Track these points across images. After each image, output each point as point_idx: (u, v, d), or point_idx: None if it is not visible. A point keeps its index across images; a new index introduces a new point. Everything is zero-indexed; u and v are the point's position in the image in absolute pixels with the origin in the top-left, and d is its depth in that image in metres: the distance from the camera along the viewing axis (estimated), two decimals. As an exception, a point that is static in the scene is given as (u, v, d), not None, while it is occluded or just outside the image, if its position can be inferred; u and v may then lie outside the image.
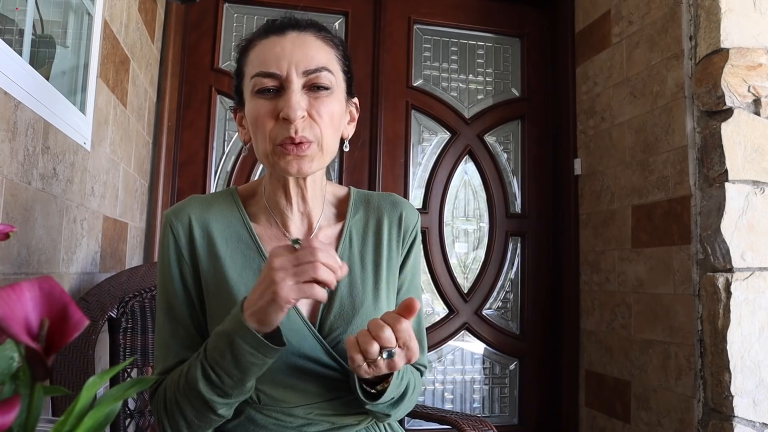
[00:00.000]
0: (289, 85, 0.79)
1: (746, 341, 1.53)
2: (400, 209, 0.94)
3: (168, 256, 0.86)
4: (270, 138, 0.79)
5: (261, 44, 0.84)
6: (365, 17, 2.34)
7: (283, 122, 0.78)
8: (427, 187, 2.33)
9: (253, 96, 0.81)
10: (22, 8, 1.05)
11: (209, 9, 2.22)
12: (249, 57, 0.85)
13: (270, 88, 0.80)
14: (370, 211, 0.93)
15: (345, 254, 0.89)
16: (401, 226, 0.93)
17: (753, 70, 1.60)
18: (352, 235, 0.91)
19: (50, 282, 0.35)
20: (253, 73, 0.81)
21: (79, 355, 1.10)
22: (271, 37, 0.83)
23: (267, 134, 0.79)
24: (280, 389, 0.81)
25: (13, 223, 0.90)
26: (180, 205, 0.88)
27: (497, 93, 2.45)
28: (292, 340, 0.80)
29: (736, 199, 1.56)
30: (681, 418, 1.68)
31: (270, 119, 0.79)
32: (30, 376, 0.34)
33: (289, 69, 0.79)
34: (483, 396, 2.32)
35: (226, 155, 2.19)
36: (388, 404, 0.80)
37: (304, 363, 0.81)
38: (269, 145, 0.79)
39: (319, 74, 0.81)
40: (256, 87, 0.80)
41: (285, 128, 0.78)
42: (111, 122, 1.47)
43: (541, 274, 2.38)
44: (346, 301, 0.85)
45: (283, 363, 0.80)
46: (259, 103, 0.80)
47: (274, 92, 0.80)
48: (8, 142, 0.89)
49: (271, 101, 0.80)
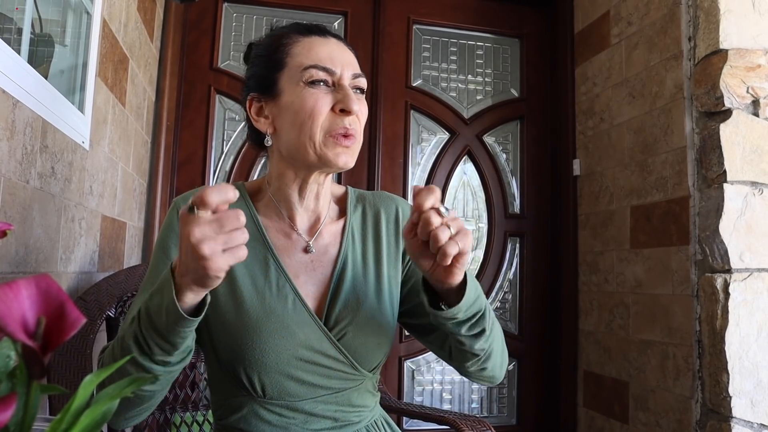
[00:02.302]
0: (344, 83, 0.84)
1: (744, 342, 1.53)
2: (395, 204, 0.97)
3: (171, 237, 0.85)
4: (323, 127, 0.82)
5: (306, 41, 0.87)
6: (364, 17, 2.34)
7: (339, 114, 0.82)
8: (426, 187, 2.33)
9: (306, 86, 0.83)
10: (21, 7, 1.04)
11: (208, 8, 2.21)
12: (293, 50, 0.86)
13: (324, 81, 0.83)
14: (368, 208, 0.96)
15: (348, 249, 0.91)
16: (398, 220, 0.96)
17: (752, 71, 1.60)
18: (354, 231, 0.93)
19: (47, 280, 0.34)
20: (307, 65, 0.84)
21: (77, 355, 1.10)
22: (315, 38, 0.87)
23: (320, 123, 0.82)
24: (286, 381, 0.82)
25: (11, 222, 0.90)
26: (190, 193, 0.88)
27: (496, 93, 2.45)
28: (299, 332, 0.82)
29: (735, 200, 1.57)
30: (679, 418, 1.68)
31: (325, 109, 0.82)
32: (26, 375, 0.34)
33: (343, 69, 0.85)
34: (481, 396, 2.32)
35: (224, 155, 2.19)
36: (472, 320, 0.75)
37: (310, 355, 0.82)
38: (320, 133, 0.82)
39: (362, 79, 0.87)
40: (311, 78, 0.83)
41: (340, 120, 0.82)
42: (110, 121, 1.47)
43: (539, 274, 2.38)
44: (350, 295, 0.87)
45: (290, 355, 0.81)
46: (314, 93, 0.83)
47: (325, 87, 0.84)
48: (6, 140, 0.88)
49: (326, 94, 0.83)
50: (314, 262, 0.89)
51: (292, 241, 0.89)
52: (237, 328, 0.81)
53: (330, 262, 0.89)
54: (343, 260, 0.89)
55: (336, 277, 0.88)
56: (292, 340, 0.81)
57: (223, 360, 0.83)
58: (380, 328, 0.87)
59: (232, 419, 0.85)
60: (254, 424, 0.83)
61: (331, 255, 0.90)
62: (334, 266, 0.89)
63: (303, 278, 0.87)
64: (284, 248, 0.88)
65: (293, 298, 0.84)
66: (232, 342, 0.81)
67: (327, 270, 0.89)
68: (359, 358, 0.85)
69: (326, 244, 0.90)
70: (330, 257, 0.90)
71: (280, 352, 0.80)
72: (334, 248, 0.90)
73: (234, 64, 2.21)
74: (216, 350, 0.84)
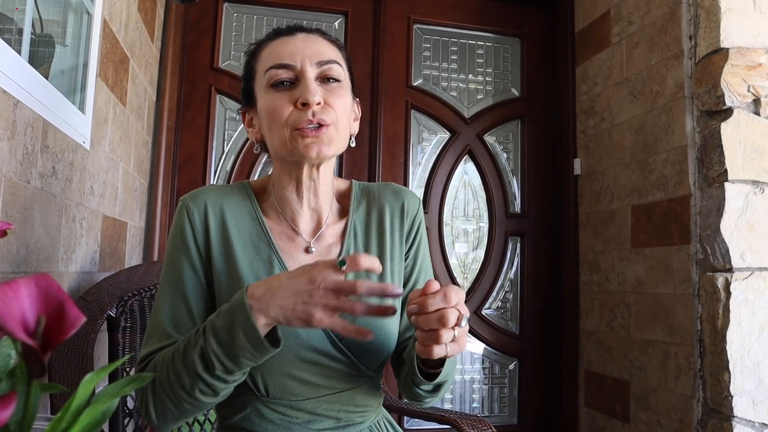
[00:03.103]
0: (304, 75, 0.83)
1: (746, 341, 1.53)
2: (402, 198, 0.96)
3: (182, 238, 0.86)
4: (288, 123, 0.82)
5: (272, 44, 0.87)
6: (365, 17, 2.34)
7: (301, 108, 0.81)
8: (426, 186, 2.33)
9: (268, 89, 0.84)
10: (22, 7, 1.05)
11: (209, 8, 2.22)
12: (260, 56, 0.88)
13: (285, 80, 0.83)
14: (372, 203, 0.95)
15: (350, 250, 0.90)
16: (404, 216, 0.95)
17: (753, 70, 1.59)
18: (356, 230, 0.93)
19: (47, 279, 0.34)
20: (267, 67, 0.84)
21: (79, 354, 1.10)
22: (281, 38, 0.87)
23: (284, 121, 0.82)
24: (288, 381, 0.82)
25: (11, 222, 0.90)
26: (197, 192, 0.89)
27: (497, 93, 2.45)
28: (302, 332, 0.82)
29: (736, 199, 1.56)
30: (680, 418, 1.68)
31: (287, 107, 0.82)
32: (27, 373, 0.34)
33: (303, 60, 0.84)
34: (482, 396, 2.32)
35: (225, 154, 2.19)
36: (442, 385, 0.85)
37: (312, 355, 0.82)
38: (287, 130, 0.82)
39: (330, 66, 0.85)
40: (271, 80, 0.84)
41: (303, 113, 0.81)
42: (110, 121, 1.47)
43: (540, 274, 2.38)
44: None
45: (292, 355, 0.81)
46: (275, 95, 0.83)
47: (289, 84, 0.83)
48: (7, 140, 0.89)
49: (287, 92, 0.83)
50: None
51: (294, 243, 0.89)
52: None
53: None
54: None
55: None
56: (295, 341, 0.81)
57: None
58: (383, 328, 0.87)
59: (235, 419, 0.85)
60: (257, 424, 0.83)
61: (333, 255, 0.90)
62: None
63: None
64: (287, 249, 0.88)
65: None
66: None
67: None
68: (362, 358, 0.85)
69: (329, 244, 0.90)
70: (332, 257, 0.90)
71: (284, 353, 0.80)
72: (337, 248, 0.90)
73: (235, 64, 2.21)
74: None
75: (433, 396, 0.87)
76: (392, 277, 0.91)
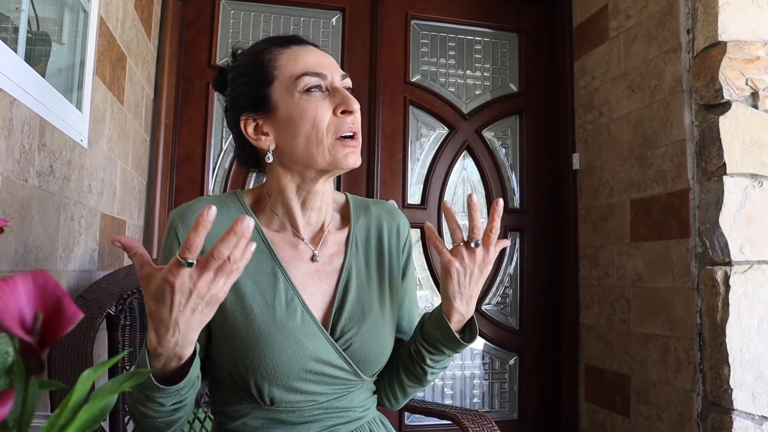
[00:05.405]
0: (337, 85, 0.85)
1: (745, 334, 1.53)
2: (397, 219, 0.98)
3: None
4: (329, 131, 0.82)
5: (289, 51, 0.86)
6: (362, 13, 2.33)
7: (341, 116, 0.82)
8: (425, 182, 2.33)
9: (302, 94, 0.83)
10: (21, 7, 1.04)
11: (206, 5, 2.21)
12: (278, 62, 0.86)
13: (318, 86, 0.83)
14: (371, 219, 0.96)
15: (353, 259, 0.91)
16: (399, 235, 0.97)
17: (751, 63, 1.59)
18: (358, 241, 0.93)
19: (44, 275, 0.34)
20: (298, 74, 0.83)
21: (78, 353, 1.10)
22: (295, 47, 0.87)
23: (325, 128, 0.81)
24: (294, 391, 0.82)
25: (9, 221, 0.90)
26: (186, 207, 0.86)
27: (495, 88, 2.44)
28: (309, 345, 0.82)
29: (735, 193, 1.56)
30: (680, 411, 1.68)
31: (327, 114, 0.82)
32: (24, 370, 0.34)
33: (332, 72, 0.85)
34: (483, 391, 2.32)
35: (224, 152, 2.19)
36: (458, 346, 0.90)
37: (318, 366, 0.83)
38: (328, 138, 0.82)
39: (349, 79, 0.88)
40: (306, 86, 0.83)
41: (345, 122, 0.82)
42: (108, 119, 1.47)
43: (540, 269, 2.38)
44: (355, 306, 0.88)
45: (300, 368, 0.81)
46: (311, 100, 0.82)
47: (320, 91, 0.83)
48: (4, 139, 0.88)
49: (323, 99, 0.83)
50: (320, 272, 0.89)
51: (299, 252, 0.88)
52: (249, 342, 0.81)
53: (335, 271, 0.90)
54: (348, 270, 0.90)
55: (342, 288, 0.88)
56: (303, 353, 0.81)
57: (233, 371, 0.82)
58: (383, 339, 0.89)
59: (234, 425, 0.85)
60: (256, 429, 0.84)
61: (336, 265, 0.90)
62: (339, 276, 0.89)
63: (310, 290, 0.87)
64: (291, 260, 0.87)
65: (302, 310, 0.84)
66: (244, 355, 0.81)
67: (332, 280, 0.89)
68: (363, 367, 0.87)
69: (331, 253, 0.90)
70: (335, 267, 0.90)
71: (292, 365, 0.80)
72: (339, 258, 0.90)
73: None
74: (226, 362, 0.83)
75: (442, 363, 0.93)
76: (390, 290, 0.93)
